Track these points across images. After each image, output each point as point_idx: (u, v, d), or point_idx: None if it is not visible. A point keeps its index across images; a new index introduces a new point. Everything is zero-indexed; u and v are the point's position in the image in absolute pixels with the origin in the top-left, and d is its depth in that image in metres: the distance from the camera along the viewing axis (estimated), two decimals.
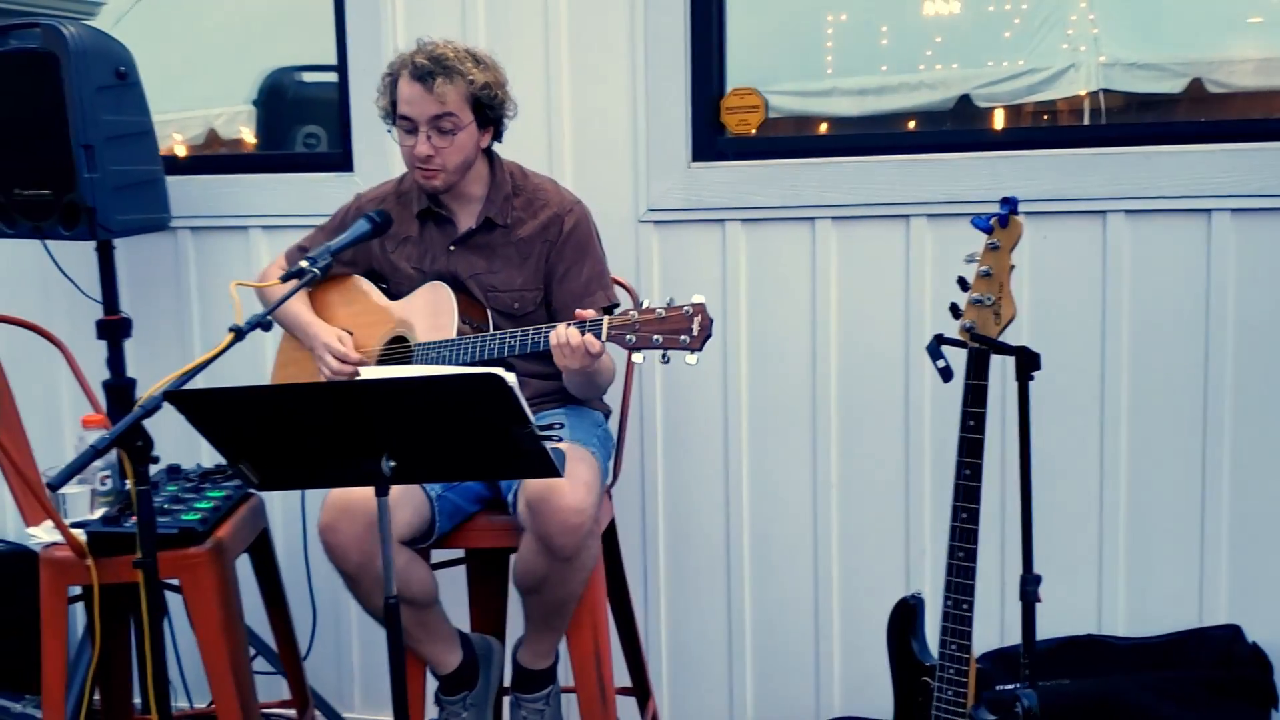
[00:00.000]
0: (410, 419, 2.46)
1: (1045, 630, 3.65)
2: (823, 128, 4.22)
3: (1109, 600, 3.71)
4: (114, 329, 3.86)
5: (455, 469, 2.73)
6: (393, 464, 2.47)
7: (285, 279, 2.90)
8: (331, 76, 4.15)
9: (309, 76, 4.55)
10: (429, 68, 3.15)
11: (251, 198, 4.15)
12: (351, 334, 3.33)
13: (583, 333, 2.87)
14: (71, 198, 3.59)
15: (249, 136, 4.64)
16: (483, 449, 2.56)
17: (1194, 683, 3.55)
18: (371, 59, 3.93)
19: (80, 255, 3.95)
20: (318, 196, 4.02)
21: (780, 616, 3.95)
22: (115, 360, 3.86)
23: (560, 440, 2.71)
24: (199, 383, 2.57)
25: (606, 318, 2.86)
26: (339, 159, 4.10)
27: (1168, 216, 3.56)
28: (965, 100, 4.06)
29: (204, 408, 2.48)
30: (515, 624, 3.43)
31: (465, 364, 3.12)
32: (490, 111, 3.25)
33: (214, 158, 4.58)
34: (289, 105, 4.58)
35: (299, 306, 3.40)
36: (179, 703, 3.79)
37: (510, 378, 2.36)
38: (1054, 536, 3.69)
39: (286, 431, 2.52)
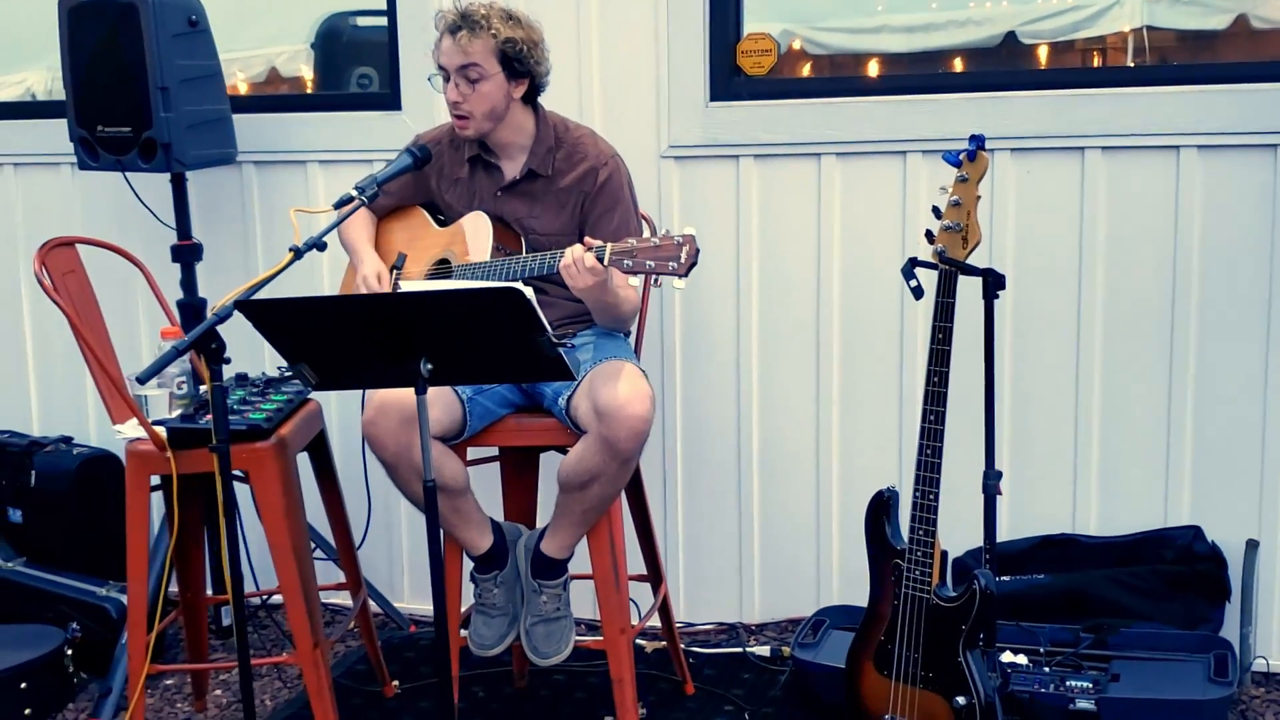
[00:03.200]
0: (444, 327, 2.79)
1: (1024, 530, 3.98)
2: (873, 65, 4.34)
3: (1082, 503, 3.97)
4: (187, 253, 4.20)
5: (486, 372, 3.07)
6: (430, 367, 2.80)
7: (336, 206, 3.26)
8: (382, 20, 4.41)
9: (362, 21, 4.79)
10: (457, 22, 3.45)
11: (309, 135, 4.44)
12: (405, 255, 3.60)
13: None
14: (149, 134, 3.94)
15: (308, 74, 4.91)
16: (508, 354, 2.89)
17: (1155, 576, 3.80)
18: (419, 5, 4.21)
19: (155, 187, 4.25)
20: (369, 133, 4.36)
21: (785, 516, 4.25)
22: (188, 281, 4.21)
23: (573, 348, 3.06)
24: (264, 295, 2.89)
25: (610, 244, 3.15)
26: (388, 99, 4.39)
27: (1140, 153, 3.79)
28: (1011, 37, 4.15)
29: (269, 315, 2.83)
30: (544, 515, 3.75)
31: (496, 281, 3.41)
32: (519, 65, 3.49)
33: (276, 97, 4.87)
34: (344, 47, 4.85)
35: (359, 233, 3.72)
36: (247, 587, 4.15)
37: (528, 291, 2.70)
38: (1034, 445, 3.97)
39: (339, 336, 2.87)
